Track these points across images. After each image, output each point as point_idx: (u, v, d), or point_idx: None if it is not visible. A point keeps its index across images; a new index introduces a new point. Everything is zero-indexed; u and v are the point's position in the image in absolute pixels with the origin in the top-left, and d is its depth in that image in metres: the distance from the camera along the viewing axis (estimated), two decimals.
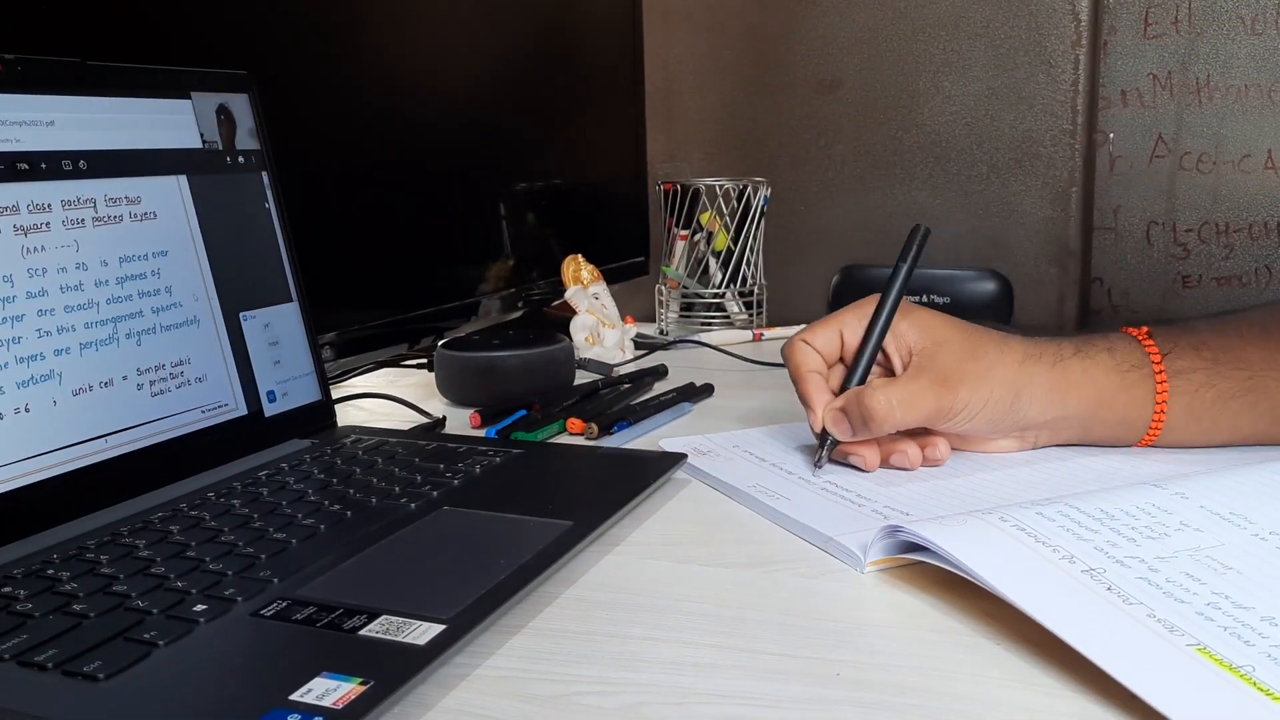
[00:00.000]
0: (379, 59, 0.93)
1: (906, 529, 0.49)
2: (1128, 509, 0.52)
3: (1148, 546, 0.48)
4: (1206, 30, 1.22)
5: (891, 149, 1.35)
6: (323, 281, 0.79)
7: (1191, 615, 0.42)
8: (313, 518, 0.56)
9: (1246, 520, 0.51)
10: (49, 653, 0.41)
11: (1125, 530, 0.49)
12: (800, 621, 0.47)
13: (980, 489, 0.62)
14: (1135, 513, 0.51)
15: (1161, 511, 0.52)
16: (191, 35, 0.75)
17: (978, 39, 1.30)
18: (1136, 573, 0.45)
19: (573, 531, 0.54)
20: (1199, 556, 0.47)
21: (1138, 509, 0.52)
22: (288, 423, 0.71)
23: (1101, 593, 0.44)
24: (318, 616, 0.44)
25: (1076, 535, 0.49)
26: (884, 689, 0.41)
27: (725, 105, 1.43)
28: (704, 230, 1.29)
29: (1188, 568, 0.46)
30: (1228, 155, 1.24)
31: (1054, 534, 0.49)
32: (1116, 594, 0.44)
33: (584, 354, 1.05)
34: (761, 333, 1.23)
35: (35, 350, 0.55)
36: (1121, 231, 1.29)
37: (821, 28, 1.36)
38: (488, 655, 0.44)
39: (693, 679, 0.42)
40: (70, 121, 0.60)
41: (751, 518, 0.60)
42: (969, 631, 0.45)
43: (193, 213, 0.67)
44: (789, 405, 0.83)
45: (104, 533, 0.54)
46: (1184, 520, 0.51)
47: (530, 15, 1.15)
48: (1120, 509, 0.52)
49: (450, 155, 1.02)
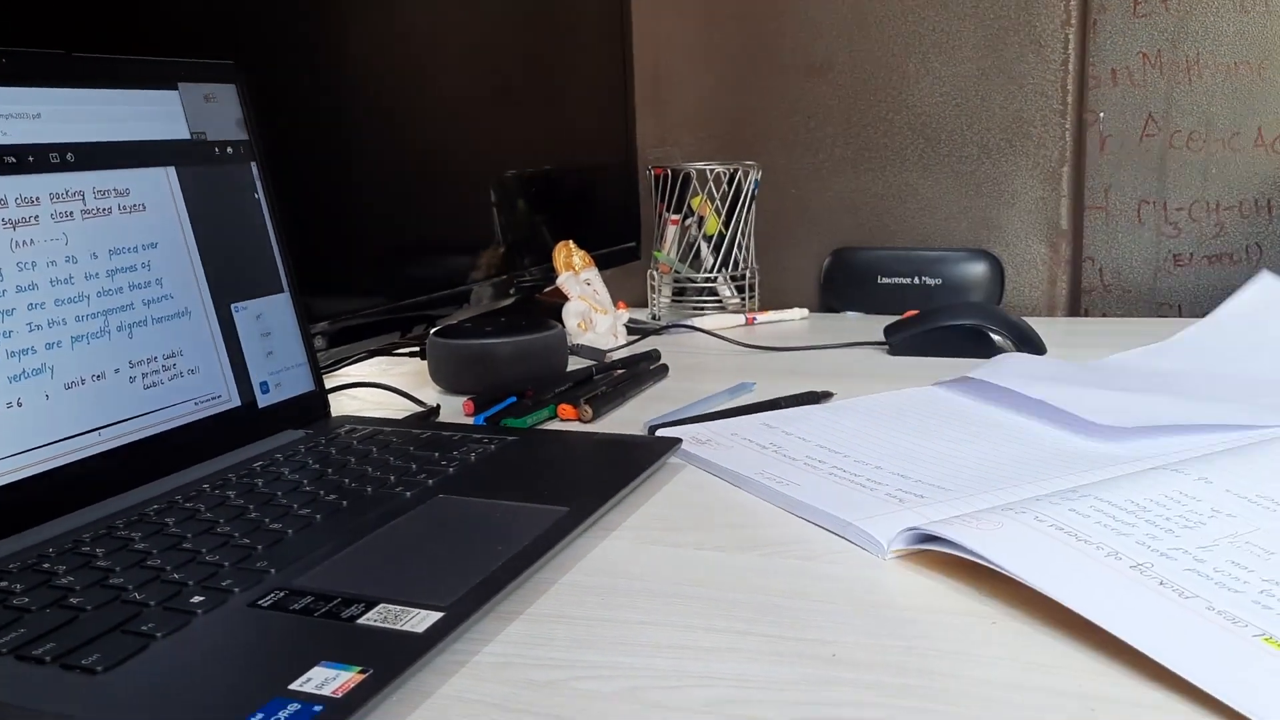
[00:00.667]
0: (367, 47, 0.92)
1: (944, 533, 0.49)
2: (1156, 498, 0.51)
3: (1187, 537, 0.47)
4: (1195, 8, 1.22)
5: (882, 130, 1.35)
6: (314, 271, 0.78)
7: (1249, 604, 0.41)
8: (309, 508, 0.56)
9: (1274, 502, 0.51)
10: (47, 646, 0.41)
11: (1161, 521, 0.49)
12: (796, 604, 0.47)
13: (982, 462, 0.63)
14: (1165, 502, 0.51)
15: (1190, 499, 0.51)
16: (178, 25, 0.74)
17: (967, 19, 1.30)
18: (1183, 565, 0.45)
19: (569, 517, 0.54)
20: (1239, 543, 0.47)
21: (1166, 497, 0.51)
22: (282, 413, 0.71)
23: (1155, 588, 0.43)
24: (315, 606, 0.44)
25: (1115, 530, 0.48)
26: (881, 670, 0.41)
27: (715, 89, 1.42)
28: (695, 215, 1.29)
29: (1232, 555, 0.45)
30: (1218, 133, 1.24)
31: (1093, 531, 0.48)
32: (1171, 589, 0.43)
33: (576, 340, 1.05)
34: (754, 317, 1.23)
35: (26, 344, 0.55)
36: (1112, 210, 1.29)
37: (810, 9, 1.36)
38: (485, 642, 0.44)
39: (689, 662, 0.42)
40: (57, 114, 0.60)
41: (746, 501, 0.61)
42: (966, 612, 0.45)
43: (182, 204, 0.66)
44: (782, 389, 0.83)
45: (99, 526, 0.54)
46: (1215, 506, 0.50)
47: (518, 1, 1.15)
48: (1149, 499, 0.51)
49: (440, 142, 1.01)
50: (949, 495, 0.57)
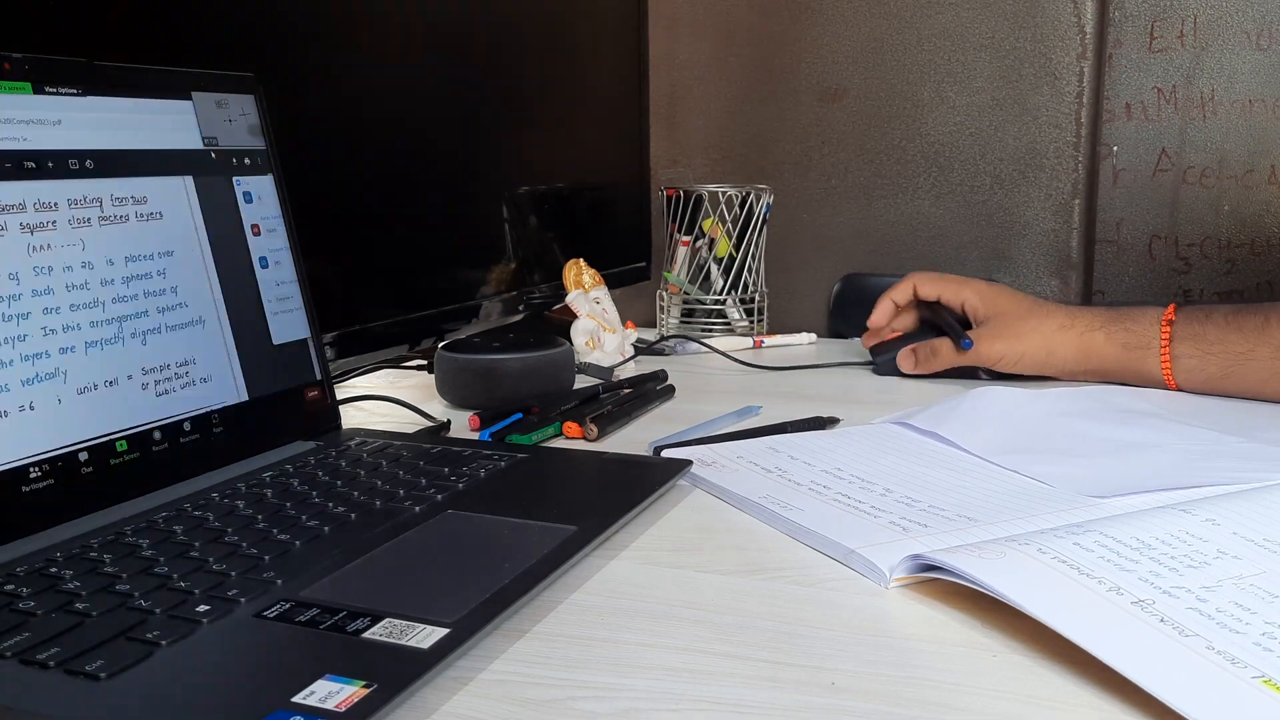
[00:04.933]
0: (384, 61, 0.93)
1: (947, 563, 0.49)
2: (1162, 537, 0.51)
3: (1191, 576, 0.47)
4: (1212, 44, 1.23)
5: (895, 158, 1.36)
6: (326, 281, 0.79)
7: (1249, 646, 0.41)
8: (317, 519, 0.56)
9: None
10: (51, 651, 0.41)
11: (1165, 560, 0.49)
12: (796, 630, 0.47)
13: (989, 493, 0.63)
14: (1171, 541, 0.51)
15: (1196, 539, 0.51)
16: (199, 37, 0.75)
17: (982, 50, 1.30)
18: (1186, 603, 0.45)
19: (576, 537, 0.54)
20: (1244, 585, 0.46)
21: (1172, 536, 0.51)
22: (292, 424, 0.71)
23: (1155, 625, 0.43)
24: (321, 618, 0.44)
25: (1118, 566, 0.48)
26: (880, 699, 0.41)
27: (729, 112, 1.43)
28: (706, 236, 1.29)
29: (1235, 597, 0.45)
30: (1231, 170, 1.24)
31: (1095, 565, 0.48)
32: (1171, 626, 0.43)
33: (584, 358, 1.06)
34: (762, 340, 1.24)
35: (40, 348, 0.56)
36: (1124, 244, 1.30)
37: (826, 36, 1.36)
38: (487, 659, 0.44)
39: (687, 685, 0.42)
40: (77, 121, 0.60)
41: (752, 525, 0.61)
42: (967, 644, 0.45)
43: (199, 213, 0.67)
44: (789, 413, 0.83)
45: (107, 532, 0.54)
46: (1221, 548, 0.50)
47: (535, 20, 1.16)
48: (1155, 537, 0.51)
49: (454, 157, 1.02)
50: (953, 525, 0.57)
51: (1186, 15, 1.23)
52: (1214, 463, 0.68)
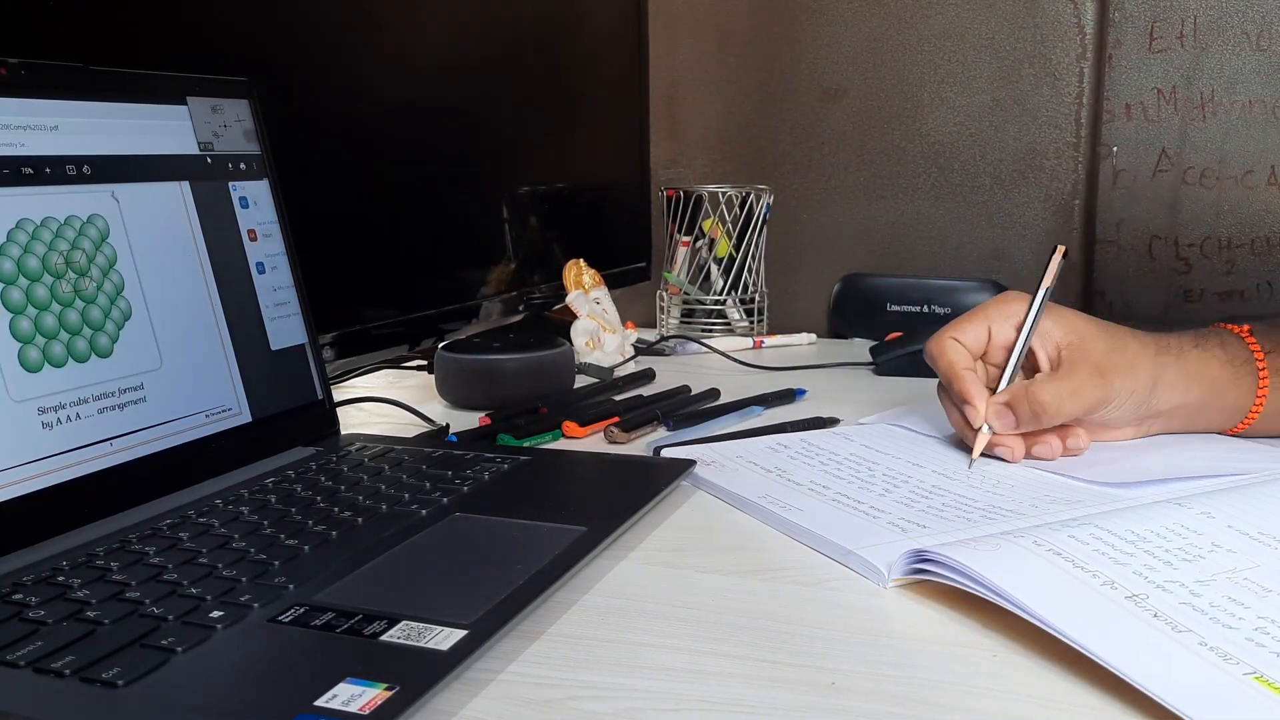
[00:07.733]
0: (382, 62, 0.93)
1: (941, 555, 0.49)
2: (1157, 530, 0.51)
3: (1185, 570, 0.47)
4: (1212, 45, 1.23)
5: (894, 158, 1.36)
6: (324, 281, 0.79)
7: (1242, 641, 0.41)
8: (323, 524, 0.56)
9: (1275, 540, 0.51)
10: (65, 659, 0.40)
11: (1160, 553, 0.49)
12: (796, 630, 0.47)
13: (989, 493, 0.63)
14: (1166, 534, 0.51)
15: (1191, 533, 0.51)
16: (192, 41, 0.75)
17: (982, 50, 1.31)
18: (1179, 598, 0.45)
19: (587, 537, 0.54)
20: (1237, 579, 0.47)
21: (1167, 530, 0.51)
22: (292, 430, 0.72)
23: (1148, 620, 0.43)
24: (337, 622, 0.44)
25: (1113, 559, 0.48)
26: (880, 699, 0.41)
27: (729, 112, 1.43)
28: (706, 237, 1.30)
29: (1228, 591, 0.46)
30: (1231, 170, 1.24)
31: (1090, 558, 0.48)
32: (1164, 621, 0.43)
33: (584, 358, 1.06)
34: (762, 340, 1.24)
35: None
36: (1124, 245, 1.30)
37: (826, 36, 1.37)
38: (495, 660, 0.44)
39: (687, 685, 0.42)
40: (74, 126, 0.60)
41: (753, 526, 0.61)
42: (967, 644, 0.46)
43: (195, 219, 0.67)
44: (789, 413, 0.84)
45: (112, 539, 0.54)
46: (1215, 541, 0.50)
47: (534, 20, 1.16)
48: (1150, 530, 0.51)
49: (453, 158, 1.02)
50: (952, 525, 0.58)
51: (1186, 16, 1.23)
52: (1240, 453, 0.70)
